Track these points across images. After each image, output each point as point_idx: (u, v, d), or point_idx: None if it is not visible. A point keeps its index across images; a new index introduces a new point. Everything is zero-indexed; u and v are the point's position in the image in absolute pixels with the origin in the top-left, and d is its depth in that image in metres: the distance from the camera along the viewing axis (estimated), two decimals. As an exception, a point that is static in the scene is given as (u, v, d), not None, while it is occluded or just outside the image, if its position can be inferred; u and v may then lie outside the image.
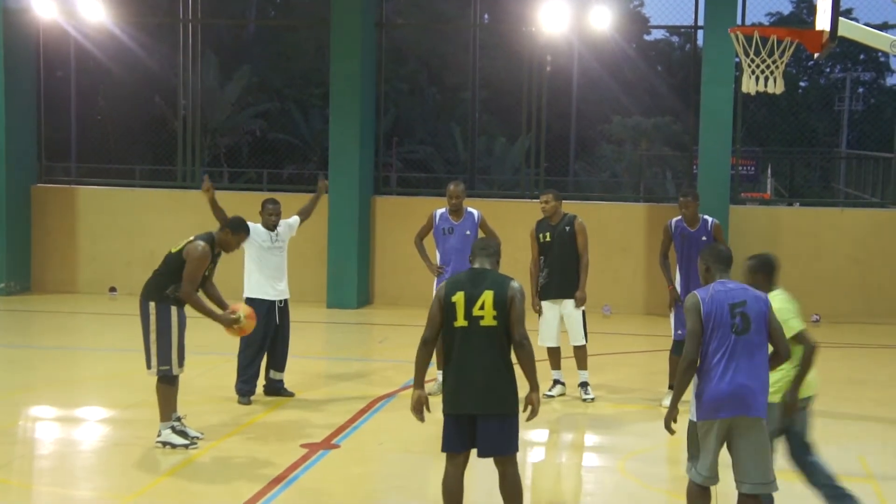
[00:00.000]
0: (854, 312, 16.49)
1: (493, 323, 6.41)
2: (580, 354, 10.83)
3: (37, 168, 18.20)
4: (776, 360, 6.39)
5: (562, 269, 10.74)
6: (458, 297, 6.46)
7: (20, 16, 17.34)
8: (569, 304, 10.77)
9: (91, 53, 23.71)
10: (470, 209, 10.99)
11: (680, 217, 10.52)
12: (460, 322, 6.44)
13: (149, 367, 8.70)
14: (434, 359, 10.05)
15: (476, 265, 6.67)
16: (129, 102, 30.16)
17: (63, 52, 20.42)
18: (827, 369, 13.28)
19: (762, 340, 6.25)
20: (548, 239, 10.78)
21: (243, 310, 8.98)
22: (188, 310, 8.73)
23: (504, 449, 6.51)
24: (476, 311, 6.42)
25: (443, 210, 10.99)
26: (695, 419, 6.33)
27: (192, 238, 8.83)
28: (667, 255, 10.69)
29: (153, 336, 8.64)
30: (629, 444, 8.84)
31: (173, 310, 8.66)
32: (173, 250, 8.82)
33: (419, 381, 6.61)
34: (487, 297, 6.43)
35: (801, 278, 16.75)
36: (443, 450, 6.59)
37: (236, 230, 8.99)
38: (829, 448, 9.42)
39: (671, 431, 6.41)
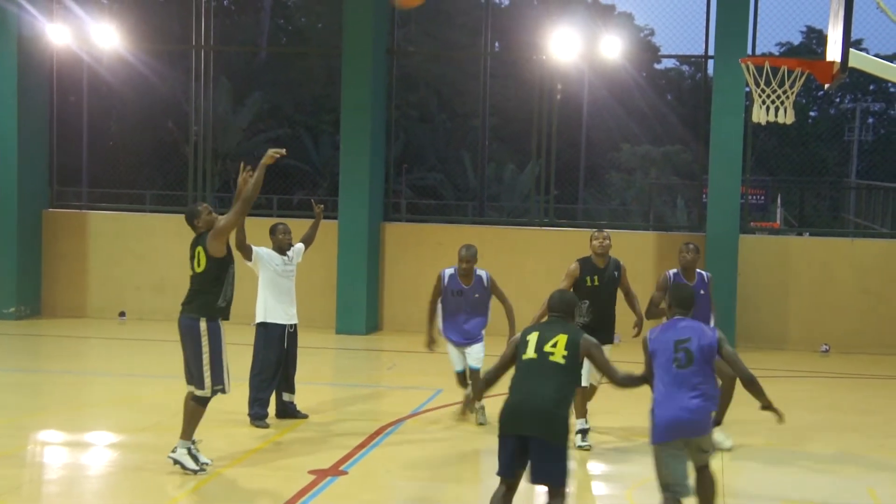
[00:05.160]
0: (864, 343, 16.43)
1: (562, 361, 6.71)
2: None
3: (48, 193, 18.29)
4: (748, 385, 6.98)
5: (608, 316, 10.20)
6: (533, 336, 6.86)
7: (34, 42, 17.46)
8: (607, 348, 9.84)
9: (104, 79, 23.84)
10: (479, 271, 10.59)
11: (678, 270, 10.20)
12: (529, 355, 6.77)
13: (201, 387, 8.59)
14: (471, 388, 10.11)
15: (553, 318, 7.05)
16: (140, 128, 30.30)
17: (76, 78, 20.52)
18: (836, 400, 13.32)
19: (705, 371, 6.82)
20: (596, 283, 10.11)
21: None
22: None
23: (555, 479, 6.60)
24: (547, 348, 6.76)
25: (451, 271, 10.59)
26: (651, 443, 6.83)
27: (196, 244, 8.70)
28: (659, 304, 10.00)
29: (206, 357, 8.55)
30: (637, 473, 8.79)
31: (222, 327, 8.67)
32: (198, 270, 8.67)
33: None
34: (561, 338, 6.80)
35: (810, 308, 16.74)
36: (497, 473, 6.74)
37: (197, 213, 8.72)
38: (838, 479, 9.40)
39: None
